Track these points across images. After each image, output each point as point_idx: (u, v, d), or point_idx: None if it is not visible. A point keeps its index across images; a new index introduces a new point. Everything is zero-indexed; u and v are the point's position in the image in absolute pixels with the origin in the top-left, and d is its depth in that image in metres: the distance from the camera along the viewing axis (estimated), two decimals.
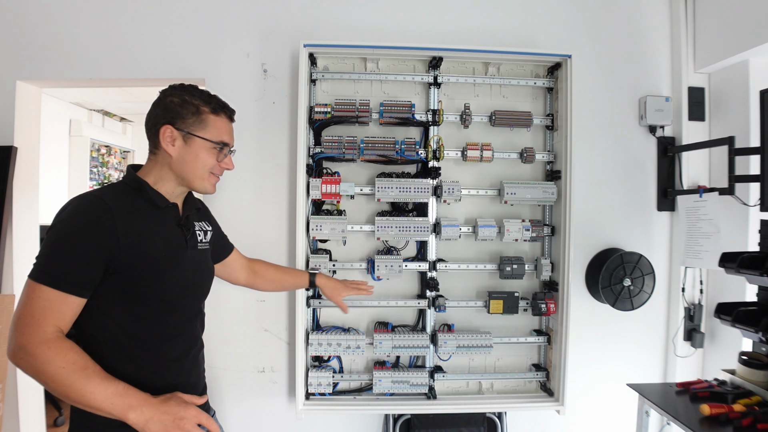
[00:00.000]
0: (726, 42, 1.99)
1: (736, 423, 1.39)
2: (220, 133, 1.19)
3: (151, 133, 1.14)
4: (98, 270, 1.00)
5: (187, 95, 1.15)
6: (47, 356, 0.90)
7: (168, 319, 1.13)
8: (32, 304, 0.94)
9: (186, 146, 1.14)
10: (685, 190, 2.09)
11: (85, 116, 4.90)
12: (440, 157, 1.94)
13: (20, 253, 2.04)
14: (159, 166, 1.15)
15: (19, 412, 2.00)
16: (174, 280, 1.13)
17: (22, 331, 0.92)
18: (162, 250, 1.10)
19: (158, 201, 1.13)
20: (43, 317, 0.93)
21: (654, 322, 2.18)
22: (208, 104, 1.17)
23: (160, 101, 1.15)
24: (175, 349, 1.15)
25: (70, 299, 0.97)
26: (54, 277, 0.95)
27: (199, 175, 1.17)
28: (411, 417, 2.00)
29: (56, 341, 0.93)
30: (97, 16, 2.02)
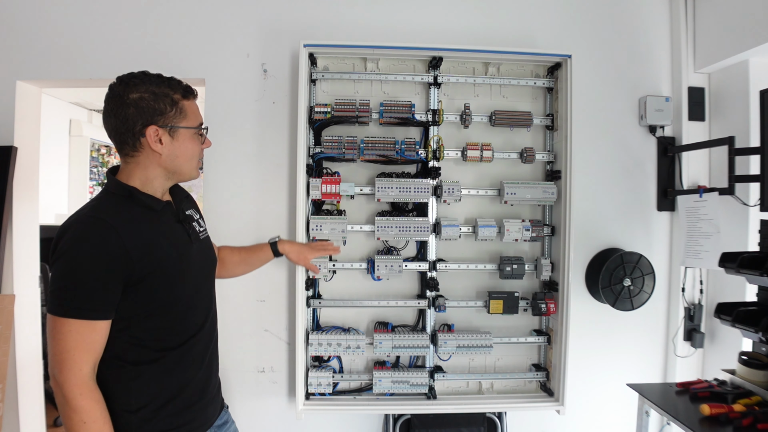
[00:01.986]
0: (726, 42, 1.99)
1: (736, 423, 1.39)
2: (197, 116, 1.16)
3: (129, 137, 1.07)
4: (117, 289, 1.00)
5: (153, 87, 1.07)
6: (78, 403, 0.95)
7: (188, 315, 1.14)
8: (63, 339, 0.95)
9: (173, 141, 1.10)
10: (685, 190, 2.09)
11: (85, 116, 4.90)
12: (440, 157, 1.94)
13: (20, 253, 2.04)
14: (143, 168, 1.10)
15: (19, 412, 2.00)
16: (187, 277, 1.13)
17: (60, 368, 0.95)
18: (171, 252, 1.10)
19: (153, 204, 1.11)
20: (77, 352, 0.96)
21: (654, 322, 2.18)
22: (177, 90, 1.11)
23: (123, 101, 1.05)
24: (199, 344, 1.16)
25: (98, 325, 0.98)
26: (77, 308, 0.96)
27: (190, 165, 1.16)
28: (411, 417, 2.00)
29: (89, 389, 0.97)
30: (97, 16, 2.02)
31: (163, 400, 1.09)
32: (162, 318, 1.08)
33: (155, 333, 1.07)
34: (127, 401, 1.05)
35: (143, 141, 1.07)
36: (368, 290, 2.02)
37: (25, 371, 2.05)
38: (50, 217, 4.25)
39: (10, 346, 1.90)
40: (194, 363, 1.15)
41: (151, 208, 1.10)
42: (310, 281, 1.90)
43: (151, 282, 1.04)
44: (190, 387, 1.13)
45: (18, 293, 1.98)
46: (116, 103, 1.06)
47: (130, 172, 1.10)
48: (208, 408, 1.20)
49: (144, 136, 1.07)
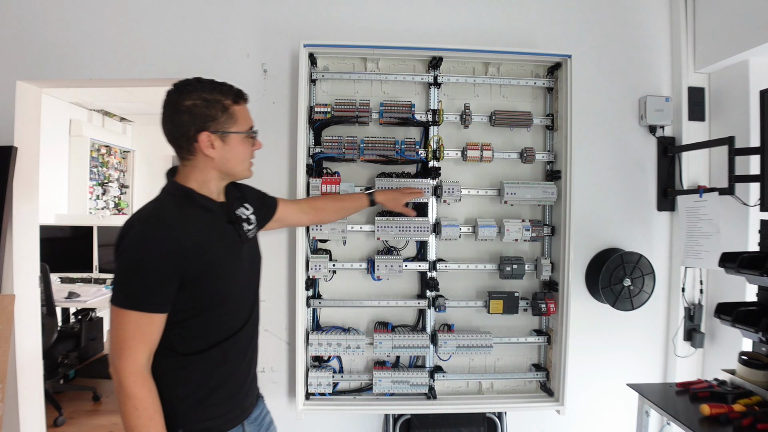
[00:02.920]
0: (726, 42, 1.99)
1: (736, 423, 1.39)
2: (247, 120, 1.21)
3: (183, 141, 1.12)
4: (173, 285, 1.06)
5: (205, 93, 1.12)
6: (132, 391, 1.02)
7: (235, 312, 1.20)
8: (123, 329, 1.03)
9: (225, 145, 1.15)
10: (685, 190, 2.09)
11: (85, 116, 4.90)
12: (440, 157, 1.94)
13: (20, 253, 2.04)
14: (199, 170, 1.16)
15: (19, 412, 2.00)
16: (237, 276, 1.19)
17: (119, 356, 1.03)
18: (223, 252, 1.15)
19: (209, 205, 1.16)
20: (135, 342, 1.03)
21: (654, 322, 2.18)
22: (228, 96, 1.16)
23: (179, 107, 1.11)
24: (243, 338, 1.22)
25: (154, 317, 1.05)
26: (136, 301, 1.03)
27: (242, 167, 1.21)
28: (411, 417, 2.00)
29: (143, 378, 1.04)
30: (97, 16, 2.02)
31: (208, 390, 1.14)
32: (211, 313, 1.13)
33: (204, 327, 1.14)
34: (174, 390, 1.11)
35: (197, 146, 1.12)
36: (368, 290, 2.02)
37: (25, 371, 2.05)
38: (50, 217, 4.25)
39: (10, 346, 1.90)
40: (238, 356, 1.20)
41: (206, 209, 1.15)
42: (309, 281, 1.90)
43: (204, 280, 1.10)
44: (233, 378, 1.19)
45: (18, 293, 1.98)
46: (172, 110, 1.12)
47: (187, 175, 1.17)
48: (247, 398, 1.26)
49: (197, 142, 1.12)
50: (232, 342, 1.18)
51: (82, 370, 3.80)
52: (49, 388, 3.09)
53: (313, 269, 1.87)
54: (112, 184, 5.42)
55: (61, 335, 3.18)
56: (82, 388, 3.48)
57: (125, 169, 5.75)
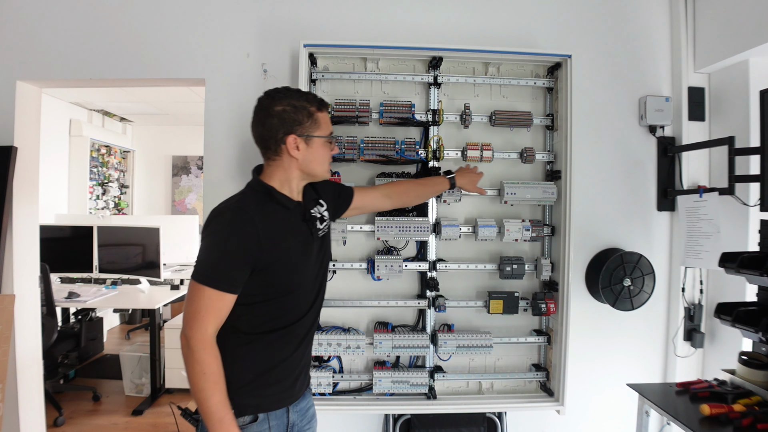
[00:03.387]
0: (726, 42, 1.99)
1: (736, 423, 1.39)
2: (328, 126, 1.33)
3: (272, 143, 1.25)
4: (246, 270, 1.17)
5: (293, 100, 1.25)
6: (201, 356, 1.14)
7: (297, 303, 1.29)
8: (197, 302, 1.15)
9: (308, 147, 1.27)
10: (685, 190, 2.09)
11: (85, 116, 4.91)
12: (440, 157, 1.94)
13: (20, 253, 2.04)
14: (283, 170, 1.27)
15: (19, 412, 2.00)
16: (304, 270, 1.29)
17: (190, 325, 1.15)
18: (296, 246, 1.26)
19: (286, 203, 1.27)
20: (206, 314, 1.15)
21: (654, 322, 2.18)
22: (313, 104, 1.28)
23: (269, 112, 1.24)
24: (300, 328, 1.30)
25: (226, 296, 1.16)
26: (213, 279, 1.15)
27: (322, 168, 1.32)
28: (411, 417, 2.00)
29: (211, 346, 1.16)
30: (97, 16, 2.02)
31: (262, 370, 1.24)
32: (276, 301, 1.24)
33: (268, 312, 1.24)
34: (232, 364, 1.20)
35: (283, 147, 1.25)
36: (368, 290, 2.02)
37: (25, 371, 2.05)
38: (50, 217, 4.25)
39: (10, 346, 1.90)
40: (293, 343, 1.29)
41: (284, 206, 1.27)
42: None
43: (274, 269, 1.21)
44: (286, 363, 1.28)
45: (18, 293, 1.98)
46: (263, 114, 1.25)
47: (271, 173, 1.28)
48: (296, 385, 1.33)
49: (284, 144, 1.24)
50: (290, 329, 1.27)
51: (82, 370, 3.80)
52: (49, 388, 3.09)
53: None
54: (112, 184, 5.42)
55: (61, 335, 3.18)
56: (82, 388, 3.48)
57: (125, 169, 5.76)
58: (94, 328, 3.67)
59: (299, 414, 1.35)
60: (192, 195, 5.92)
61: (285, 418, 1.29)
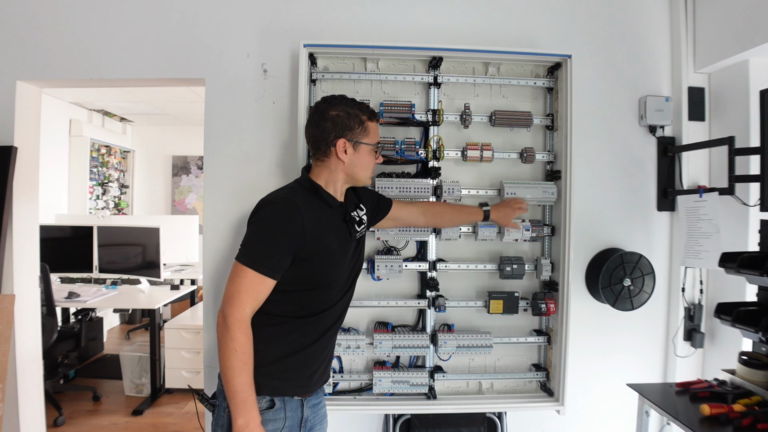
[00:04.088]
0: (726, 42, 1.99)
1: (736, 423, 1.39)
2: (377, 135, 1.42)
3: (323, 144, 1.34)
4: (288, 258, 1.24)
5: (348, 107, 1.34)
6: (235, 334, 1.19)
7: (328, 295, 1.35)
8: (239, 282, 1.21)
9: (355, 153, 1.36)
10: (685, 190, 2.09)
11: (85, 116, 4.91)
12: (440, 157, 1.94)
13: (20, 253, 2.04)
14: (329, 171, 1.36)
15: (19, 412, 2.00)
16: (340, 265, 1.36)
17: (229, 303, 1.20)
18: (335, 242, 1.33)
19: (331, 202, 1.35)
20: (246, 295, 1.21)
21: (654, 322, 2.18)
22: (365, 113, 1.37)
23: (324, 116, 1.33)
24: (326, 319, 1.36)
25: (267, 281, 1.22)
26: (256, 262, 1.21)
27: (365, 174, 1.41)
28: (411, 417, 2.00)
29: (246, 326, 1.21)
30: (97, 16, 2.02)
31: (284, 353, 1.30)
32: (311, 292, 1.31)
33: (300, 302, 1.31)
34: (259, 343, 1.25)
35: (333, 150, 1.33)
36: (368, 290, 2.02)
37: (25, 371, 2.05)
38: (50, 217, 4.25)
39: (10, 346, 1.91)
40: (317, 332, 1.34)
41: (328, 204, 1.35)
42: None
43: (314, 261, 1.27)
44: (307, 351, 1.33)
45: (18, 293, 1.98)
46: (319, 117, 1.35)
47: (319, 172, 1.37)
48: (313, 378, 1.37)
49: (334, 146, 1.33)
50: (316, 318, 1.33)
51: (82, 370, 3.81)
52: (49, 388, 3.09)
53: None
54: (112, 184, 5.42)
55: (61, 335, 3.18)
56: (82, 388, 3.48)
57: (125, 169, 5.76)
58: (94, 328, 3.66)
59: (313, 410, 1.38)
60: (192, 195, 5.92)
61: (299, 411, 1.33)
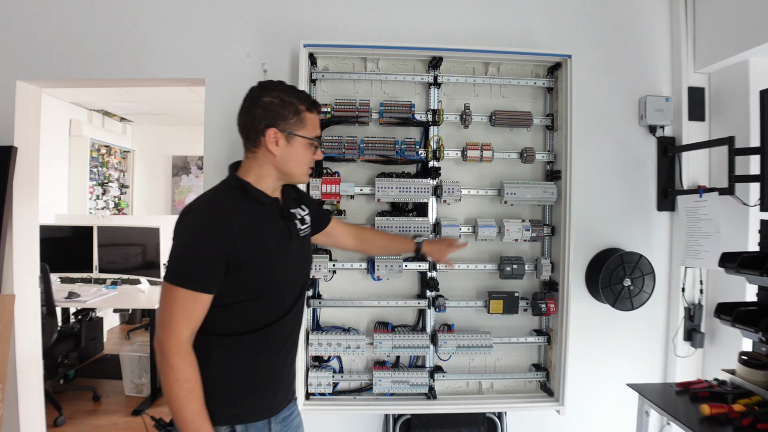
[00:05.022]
0: (726, 42, 1.99)
1: (736, 423, 1.39)
2: (315, 128, 1.26)
3: (252, 133, 1.20)
4: (221, 269, 1.11)
5: (283, 95, 1.20)
6: (175, 362, 1.08)
7: (275, 303, 1.23)
8: (170, 304, 1.09)
9: (288, 145, 1.21)
10: (685, 190, 2.09)
11: (85, 116, 4.91)
12: (440, 157, 1.94)
13: (20, 253, 2.04)
14: (259, 165, 1.22)
15: (19, 412, 2.00)
16: (284, 269, 1.23)
17: (164, 329, 1.09)
18: (272, 244, 1.20)
19: (262, 199, 1.21)
20: (180, 317, 1.09)
21: (654, 322, 2.18)
22: (304, 103, 1.23)
23: (256, 101, 1.20)
24: (279, 331, 1.24)
25: (201, 297, 1.10)
26: (185, 278, 1.09)
27: (300, 170, 1.26)
28: (411, 417, 2.00)
29: (186, 352, 1.10)
30: (97, 16, 2.02)
31: (238, 376, 1.18)
32: (253, 301, 1.18)
33: (244, 314, 1.18)
34: (206, 370, 1.14)
35: (263, 140, 1.19)
36: (368, 290, 2.02)
37: (25, 371, 2.05)
38: (50, 217, 4.25)
39: (10, 346, 1.90)
40: (272, 348, 1.23)
41: (260, 202, 1.21)
42: (309, 281, 1.90)
43: (250, 267, 1.15)
44: (265, 370, 1.22)
45: (18, 293, 1.98)
46: (250, 102, 1.21)
47: (248, 167, 1.23)
48: (275, 396, 1.26)
49: (264, 136, 1.19)
50: (268, 332, 1.21)
51: (82, 370, 3.80)
52: (49, 388, 3.09)
53: (313, 269, 1.87)
54: (112, 184, 5.42)
55: (61, 335, 3.17)
56: (82, 388, 3.48)
57: (125, 169, 5.76)
58: (94, 328, 3.66)
59: (283, 424, 1.27)
60: (192, 195, 5.92)
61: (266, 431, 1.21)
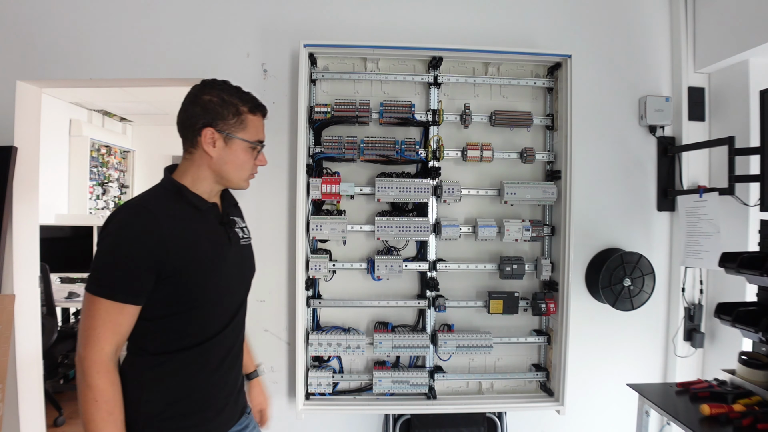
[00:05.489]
0: (726, 42, 1.99)
1: (736, 423, 1.39)
2: (258, 132, 1.19)
3: (189, 132, 1.12)
4: (150, 278, 1.02)
5: (225, 94, 1.13)
6: (93, 381, 0.98)
7: (213, 315, 1.14)
8: (92, 316, 0.99)
9: (226, 147, 1.13)
10: (685, 190, 2.09)
11: (85, 116, 4.90)
12: (440, 157, 1.94)
13: (20, 253, 2.04)
14: (196, 167, 1.14)
15: (19, 412, 2.00)
16: (220, 278, 1.14)
17: (84, 343, 0.99)
18: (208, 251, 1.11)
19: (198, 203, 1.13)
20: (103, 330, 0.98)
21: (654, 322, 2.18)
22: (246, 104, 1.15)
23: (196, 99, 1.12)
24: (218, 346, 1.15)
25: (126, 308, 1.00)
26: (109, 289, 0.99)
27: (238, 175, 1.17)
28: (411, 417, 2.00)
29: (107, 371, 0.99)
30: (97, 16, 2.02)
31: (175, 398, 1.08)
32: (187, 314, 1.09)
33: (178, 327, 1.09)
34: (138, 392, 1.05)
35: (199, 140, 1.11)
36: (368, 290, 2.02)
37: (25, 371, 2.05)
38: (50, 217, 4.24)
39: (10, 346, 1.90)
40: (210, 364, 1.14)
41: (196, 207, 1.13)
42: (310, 281, 1.90)
43: (185, 276, 1.05)
44: (204, 389, 1.13)
45: (18, 293, 1.98)
46: (189, 100, 1.13)
47: (185, 169, 1.15)
48: (221, 414, 1.17)
49: (200, 136, 1.11)
50: (205, 348, 1.11)
51: None
52: (49, 388, 3.09)
53: (313, 269, 1.87)
54: (112, 184, 5.42)
55: (61, 335, 3.17)
56: None
57: (125, 169, 5.75)
58: None
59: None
60: None
61: None
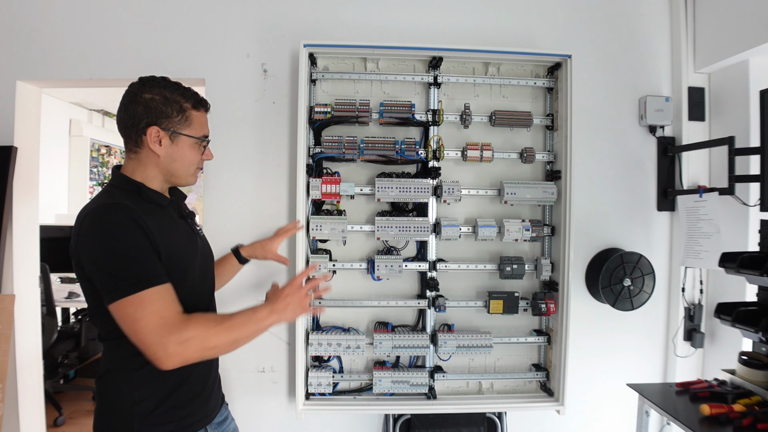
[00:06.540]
0: (726, 42, 1.99)
1: (736, 423, 1.39)
2: (203, 127, 1.20)
3: (133, 132, 1.11)
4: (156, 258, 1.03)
5: (167, 92, 1.12)
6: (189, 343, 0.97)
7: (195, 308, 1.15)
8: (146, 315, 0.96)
9: (173, 145, 1.14)
10: (685, 190, 2.09)
11: (85, 116, 4.91)
12: (440, 157, 1.94)
13: (20, 253, 2.04)
14: (143, 166, 1.14)
15: (19, 412, 2.00)
16: (195, 269, 1.18)
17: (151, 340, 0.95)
18: (182, 242, 1.15)
19: (159, 200, 1.15)
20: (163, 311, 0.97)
21: (654, 322, 2.18)
22: (189, 100, 1.16)
23: (136, 98, 1.11)
24: None
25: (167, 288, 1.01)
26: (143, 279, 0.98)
27: (186, 171, 1.19)
28: (411, 417, 2.00)
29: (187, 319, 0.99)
30: (97, 16, 2.02)
31: (164, 393, 1.10)
32: None
33: None
34: (129, 393, 1.08)
35: (144, 139, 1.11)
36: (368, 290, 2.02)
37: (25, 371, 2.05)
38: (50, 217, 4.25)
39: (10, 346, 1.90)
40: None
41: (158, 203, 1.14)
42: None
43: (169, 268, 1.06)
44: (190, 380, 1.15)
45: (18, 293, 1.98)
46: (129, 99, 1.12)
47: (133, 169, 1.14)
48: (208, 402, 1.22)
49: (145, 135, 1.11)
50: None
51: (82, 370, 3.80)
52: (49, 388, 3.09)
53: None
54: None
55: (61, 335, 3.18)
56: (82, 388, 3.48)
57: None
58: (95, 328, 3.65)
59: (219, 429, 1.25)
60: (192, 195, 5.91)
61: None
